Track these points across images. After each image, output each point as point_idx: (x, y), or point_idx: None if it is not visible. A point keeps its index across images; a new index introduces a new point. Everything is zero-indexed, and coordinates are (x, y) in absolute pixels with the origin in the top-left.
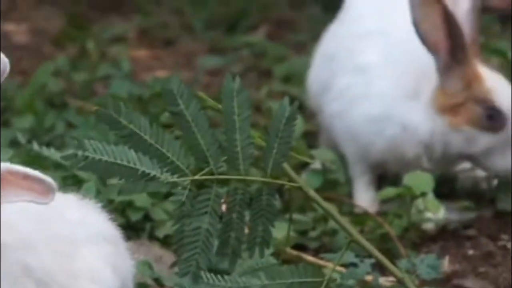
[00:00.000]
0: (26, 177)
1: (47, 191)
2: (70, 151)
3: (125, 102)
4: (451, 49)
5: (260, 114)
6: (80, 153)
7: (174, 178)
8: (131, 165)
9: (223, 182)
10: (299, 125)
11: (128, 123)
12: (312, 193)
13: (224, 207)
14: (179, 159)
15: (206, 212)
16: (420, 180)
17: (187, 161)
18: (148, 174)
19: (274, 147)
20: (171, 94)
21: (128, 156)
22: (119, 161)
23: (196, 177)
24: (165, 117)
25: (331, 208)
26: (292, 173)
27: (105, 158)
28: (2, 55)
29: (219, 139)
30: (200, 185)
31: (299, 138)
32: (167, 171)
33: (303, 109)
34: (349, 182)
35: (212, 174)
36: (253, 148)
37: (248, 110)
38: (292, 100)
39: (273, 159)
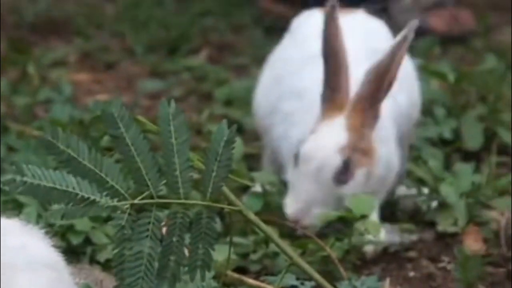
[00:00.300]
0: None
1: None
2: (8, 176)
3: (66, 126)
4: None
5: (201, 137)
6: (18, 178)
7: (114, 202)
8: (70, 189)
9: (163, 206)
10: (239, 148)
11: (66, 147)
12: (252, 216)
13: (164, 230)
14: (119, 183)
15: (146, 236)
16: (362, 203)
17: (126, 185)
18: (88, 198)
19: (213, 170)
20: (112, 118)
21: (67, 181)
22: (58, 186)
23: (136, 201)
24: (105, 140)
25: (271, 231)
26: (232, 196)
27: (44, 183)
28: None
29: (158, 163)
30: (140, 209)
31: (239, 161)
32: (106, 195)
33: (243, 131)
34: None
35: (152, 197)
36: (192, 172)
37: (186, 133)
38: (233, 123)
39: (212, 182)
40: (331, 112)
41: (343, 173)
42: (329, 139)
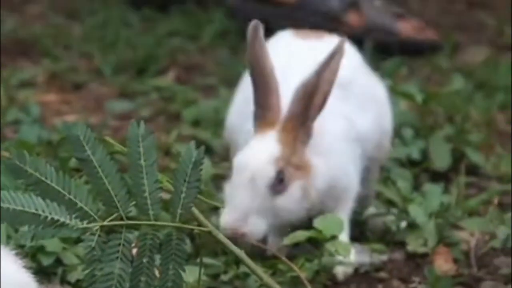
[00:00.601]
0: None
1: None
2: None
3: (34, 147)
4: None
5: (169, 158)
6: None
7: (84, 224)
8: (40, 212)
9: (133, 227)
10: (207, 169)
11: (34, 171)
12: (221, 237)
13: (134, 251)
14: (88, 205)
15: (117, 257)
16: (331, 223)
17: (95, 207)
18: (57, 220)
19: (182, 191)
20: (77, 140)
21: (36, 204)
22: (27, 209)
23: (105, 222)
24: (74, 162)
25: (241, 252)
26: (201, 217)
27: (12, 206)
28: None
29: (127, 184)
30: (110, 231)
31: (207, 181)
32: (76, 217)
33: (212, 153)
34: None
35: (122, 219)
36: (161, 193)
37: (155, 155)
38: (201, 143)
39: (181, 203)
40: (264, 128)
41: (277, 184)
42: (262, 150)
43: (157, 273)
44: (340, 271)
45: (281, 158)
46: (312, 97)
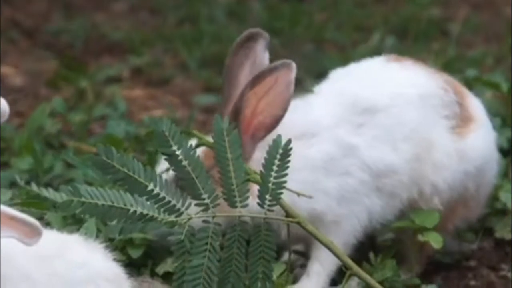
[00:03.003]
0: (13, 218)
1: (33, 233)
2: (65, 199)
3: (122, 142)
4: None
5: None
6: (75, 199)
7: (172, 218)
8: (128, 207)
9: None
10: None
11: (121, 166)
12: (310, 227)
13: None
14: (175, 199)
15: (205, 250)
16: (426, 216)
17: (184, 200)
18: (146, 214)
19: (271, 183)
20: (163, 135)
21: (124, 199)
22: (115, 204)
23: (193, 215)
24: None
25: (330, 241)
26: (290, 208)
27: (101, 202)
28: (2, 99)
29: (214, 176)
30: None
31: None
32: (164, 211)
33: None
34: None
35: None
36: (248, 184)
37: (240, 147)
38: None
39: (269, 194)
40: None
41: None
42: None
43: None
44: None
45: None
46: (238, 119)
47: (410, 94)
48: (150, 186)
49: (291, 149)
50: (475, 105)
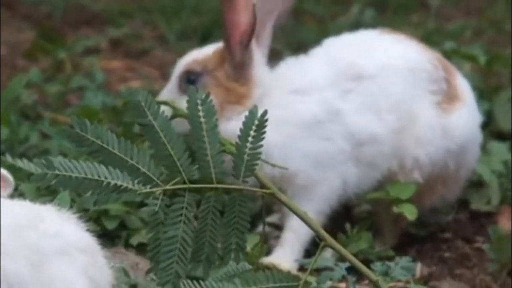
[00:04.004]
0: None
1: (4, 184)
2: (39, 172)
3: (98, 113)
4: None
5: None
6: (50, 172)
7: (147, 189)
8: (102, 179)
9: (196, 191)
10: None
11: (95, 138)
12: (285, 198)
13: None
14: (150, 170)
15: (180, 221)
16: (402, 188)
17: (158, 171)
18: (120, 186)
19: (246, 154)
20: (139, 106)
21: (99, 171)
22: (90, 176)
23: (168, 186)
24: (138, 127)
25: (305, 213)
26: (265, 179)
27: (75, 174)
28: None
29: (189, 148)
30: (173, 194)
31: None
32: (139, 182)
33: None
34: None
35: (184, 183)
36: (223, 156)
37: (215, 118)
38: None
39: (244, 165)
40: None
41: (185, 81)
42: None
43: None
44: None
45: (202, 63)
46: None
47: (399, 66)
48: (125, 157)
49: (266, 120)
50: (463, 85)
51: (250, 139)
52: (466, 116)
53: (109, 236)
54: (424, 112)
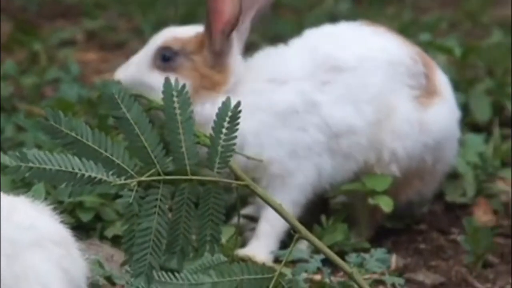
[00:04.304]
0: None
1: None
2: (13, 164)
3: (73, 105)
4: None
5: None
6: (23, 165)
7: (121, 180)
8: (76, 171)
9: (170, 182)
10: None
11: (69, 130)
12: (260, 190)
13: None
14: (125, 162)
15: (154, 212)
16: (378, 180)
17: (132, 163)
18: (95, 178)
19: (220, 145)
20: (112, 98)
21: (73, 163)
22: (64, 168)
23: (143, 178)
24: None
25: (279, 205)
26: (239, 171)
27: (49, 166)
28: None
29: (164, 140)
30: (147, 186)
31: None
32: (113, 174)
33: None
34: None
35: (159, 174)
36: (197, 147)
37: (190, 109)
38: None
39: (219, 157)
40: None
41: (161, 57)
42: (176, 30)
43: None
44: None
45: (182, 43)
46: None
47: (379, 58)
48: (99, 149)
49: (240, 111)
50: (442, 81)
51: (224, 130)
52: (444, 111)
53: (84, 228)
54: (402, 105)
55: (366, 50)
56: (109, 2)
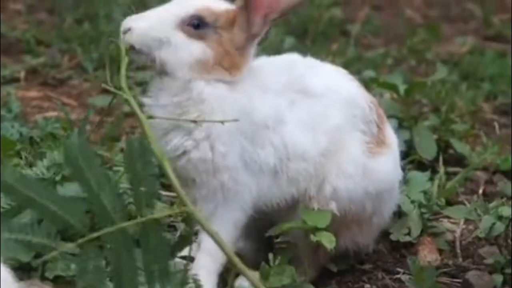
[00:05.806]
0: None
1: None
2: None
3: (14, 143)
4: None
5: None
6: None
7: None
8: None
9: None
10: None
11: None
12: (199, 215)
13: None
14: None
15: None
16: (318, 216)
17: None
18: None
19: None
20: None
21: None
22: None
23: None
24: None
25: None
26: (184, 196)
27: None
28: None
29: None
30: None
31: None
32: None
33: None
34: None
35: None
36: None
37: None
38: None
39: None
40: None
41: (189, 24)
42: None
43: None
44: None
45: (215, 16)
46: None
47: (342, 94)
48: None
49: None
50: (391, 134)
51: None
52: (389, 164)
53: (25, 269)
54: (353, 146)
55: (332, 83)
56: (52, 38)
